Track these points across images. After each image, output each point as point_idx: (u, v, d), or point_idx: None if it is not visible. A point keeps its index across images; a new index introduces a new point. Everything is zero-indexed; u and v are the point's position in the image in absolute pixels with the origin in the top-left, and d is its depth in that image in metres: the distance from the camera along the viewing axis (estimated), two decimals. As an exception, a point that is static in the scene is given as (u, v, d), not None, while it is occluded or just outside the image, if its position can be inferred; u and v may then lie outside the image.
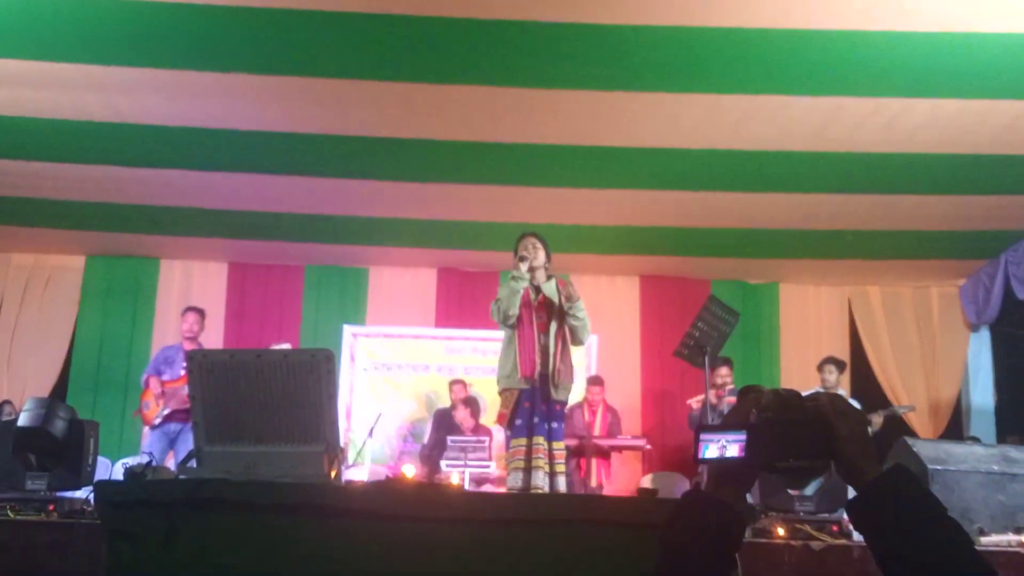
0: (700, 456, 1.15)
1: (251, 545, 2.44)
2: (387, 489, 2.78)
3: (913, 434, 6.70)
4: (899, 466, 1.07)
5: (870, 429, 1.17)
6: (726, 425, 1.16)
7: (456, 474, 5.21)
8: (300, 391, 2.83)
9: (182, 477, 2.86)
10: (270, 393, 2.84)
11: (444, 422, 6.71)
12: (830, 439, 1.08)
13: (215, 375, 2.87)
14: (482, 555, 2.38)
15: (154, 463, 3.18)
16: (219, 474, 2.68)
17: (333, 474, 2.84)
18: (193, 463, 2.87)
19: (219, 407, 2.87)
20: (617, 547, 2.32)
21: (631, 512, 2.47)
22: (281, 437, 2.85)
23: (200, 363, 2.89)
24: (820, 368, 6.26)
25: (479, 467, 5.69)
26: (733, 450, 1.12)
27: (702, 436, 1.15)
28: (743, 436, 1.12)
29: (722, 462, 1.13)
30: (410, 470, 3.11)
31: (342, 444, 5.68)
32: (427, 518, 2.41)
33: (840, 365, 6.26)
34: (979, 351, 7.40)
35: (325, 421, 2.86)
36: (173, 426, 5.70)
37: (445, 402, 6.99)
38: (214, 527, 2.46)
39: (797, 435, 1.09)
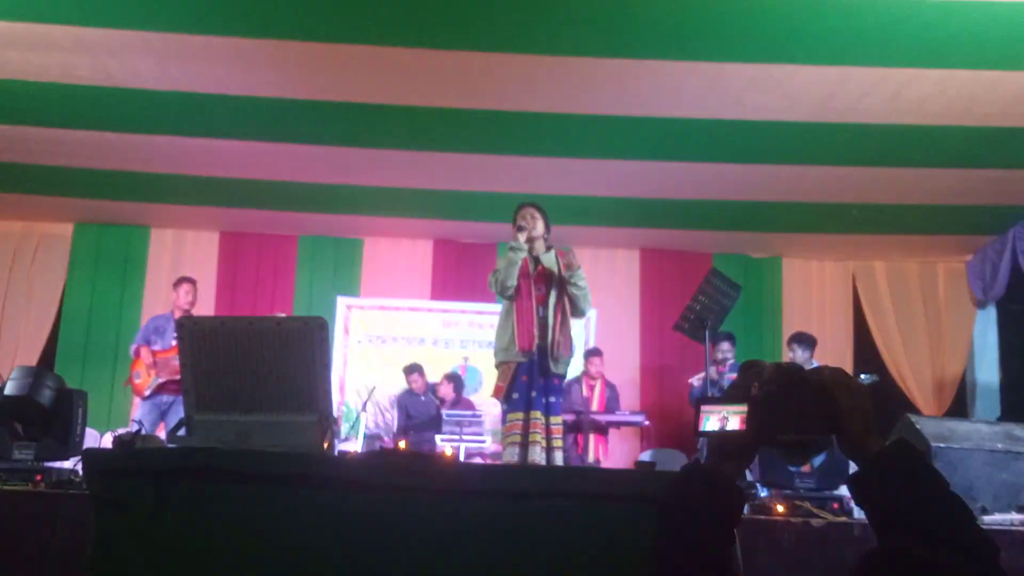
0: (701, 428, 1.13)
1: (242, 515, 2.41)
2: (380, 460, 2.74)
3: (917, 411, 6.66)
4: (902, 440, 1.06)
5: None
6: (727, 398, 1.14)
7: (449, 448, 5.18)
8: (293, 359, 2.79)
9: (172, 446, 2.82)
10: (262, 361, 2.79)
11: (405, 405, 6.73)
12: (833, 413, 1.07)
13: (206, 342, 2.82)
14: (476, 527, 2.35)
15: (143, 432, 3.13)
16: (210, 443, 2.65)
17: (326, 444, 2.80)
18: (183, 432, 2.83)
19: (210, 375, 2.82)
20: (614, 520, 2.29)
21: (629, 485, 2.43)
22: (273, 406, 2.81)
23: (191, 330, 2.84)
24: (788, 346, 6.05)
25: (474, 442, 5.66)
26: (734, 423, 1.11)
27: (703, 408, 1.14)
28: (744, 409, 1.10)
29: (723, 435, 1.11)
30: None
31: (335, 416, 5.65)
32: (421, 489, 2.37)
33: (808, 342, 5.97)
34: (985, 328, 7.34)
35: (318, 390, 2.82)
36: (165, 398, 5.64)
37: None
38: (204, 497, 2.43)
39: (799, 408, 1.08)
